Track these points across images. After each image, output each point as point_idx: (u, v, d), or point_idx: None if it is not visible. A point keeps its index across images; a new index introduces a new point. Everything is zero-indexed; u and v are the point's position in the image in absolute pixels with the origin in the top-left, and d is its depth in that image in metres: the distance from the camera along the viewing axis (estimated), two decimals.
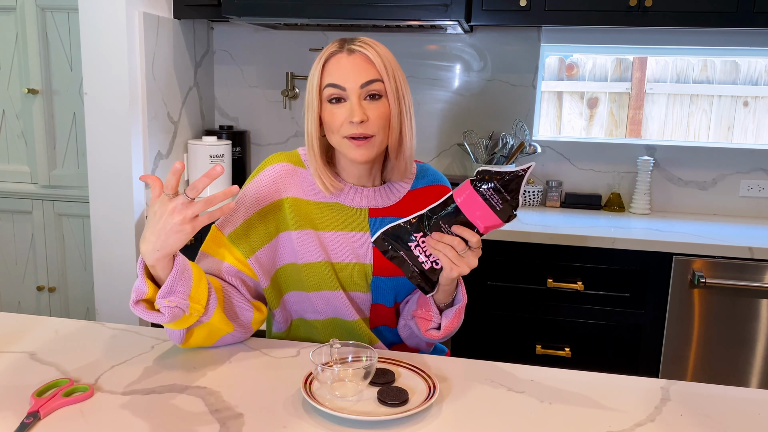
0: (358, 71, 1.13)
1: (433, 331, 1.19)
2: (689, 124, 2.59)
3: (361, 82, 1.13)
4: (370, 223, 1.23)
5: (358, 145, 1.14)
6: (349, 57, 1.14)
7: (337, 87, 1.13)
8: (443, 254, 1.06)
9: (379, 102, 1.15)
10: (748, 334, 2.00)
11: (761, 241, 2.01)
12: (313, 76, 1.16)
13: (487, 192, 1.04)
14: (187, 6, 2.38)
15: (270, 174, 1.22)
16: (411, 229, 1.08)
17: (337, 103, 1.14)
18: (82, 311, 2.83)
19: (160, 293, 1.01)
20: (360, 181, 1.24)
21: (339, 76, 1.13)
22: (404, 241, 1.09)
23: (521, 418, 0.94)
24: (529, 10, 2.15)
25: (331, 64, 1.15)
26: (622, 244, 2.01)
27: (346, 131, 1.14)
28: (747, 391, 1.05)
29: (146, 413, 0.92)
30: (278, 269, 1.23)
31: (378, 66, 1.14)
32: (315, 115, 1.16)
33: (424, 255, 1.09)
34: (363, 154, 1.15)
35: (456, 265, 1.07)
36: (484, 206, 1.04)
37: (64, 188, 2.74)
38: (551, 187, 2.54)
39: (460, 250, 1.06)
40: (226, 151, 2.51)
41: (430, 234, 1.07)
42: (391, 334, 1.30)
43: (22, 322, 1.24)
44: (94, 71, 2.18)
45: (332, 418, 0.92)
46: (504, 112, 2.58)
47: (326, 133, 1.18)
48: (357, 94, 1.13)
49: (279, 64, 2.71)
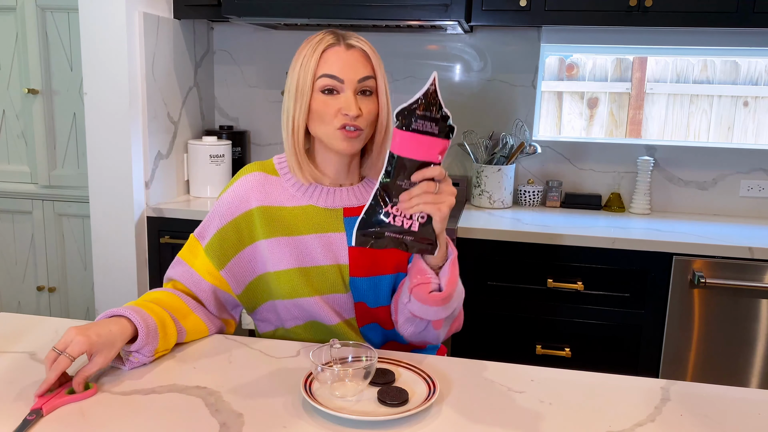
0: (357, 66, 1.15)
1: (436, 293, 1.13)
2: (689, 124, 2.59)
3: (359, 77, 1.15)
4: (345, 222, 1.23)
5: (347, 137, 1.15)
6: (348, 51, 1.16)
7: (334, 78, 1.14)
8: (423, 205, 1.02)
9: (370, 98, 1.17)
10: (748, 334, 2.01)
11: (761, 241, 2.01)
12: (307, 64, 1.15)
13: (417, 125, 1.00)
14: (187, 6, 2.38)
15: (242, 184, 1.23)
16: (378, 208, 1.03)
17: (329, 94, 1.15)
18: (82, 311, 2.83)
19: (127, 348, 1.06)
20: (337, 178, 1.24)
21: (338, 68, 1.14)
22: (380, 223, 1.04)
23: (521, 418, 0.94)
24: (529, 10, 2.16)
25: (329, 55, 1.15)
26: (622, 244, 2.01)
27: (338, 122, 1.15)
28: (747, 391, 1.05)
29: (146, 413, 0.92)
30: (252, 280, 1.25)
31: (374, 63, 1.18)
32: (306, 102, 1.16)
33: (406, 219, 1.04)
34: (352, 146, 1.17)
35: (439, 204, 1.03)
36: (423, 138, 1.00)
37: (64, 188, 2.74)
38: (551, 187, 2.54)
39: (433, 190, 1.02)
40: (226, 151, 2.51)
41: (397, 199, 1.03)
42: (377, 334, 1.29)
43: (22, 322, 1.24)
44: (94, 71, 2.18)
45: (332, 418, 0.92)
46: (504, 112, 2.58)
47: (312, 123, 1.18)
48: (353, 88, 1.15)
49: (279, 64, 2.71)
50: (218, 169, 2.49)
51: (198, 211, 2.26)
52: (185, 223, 2.27)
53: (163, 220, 2.29)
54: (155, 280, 2.35)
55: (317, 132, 1.18)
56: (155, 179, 2.34)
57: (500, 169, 2.42)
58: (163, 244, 2.31)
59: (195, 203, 2.39)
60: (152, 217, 2.30)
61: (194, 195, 2.52)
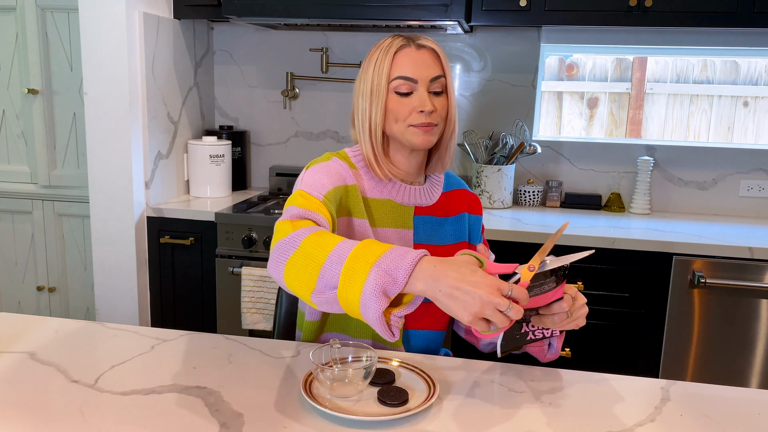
0: (428, 65, 1.21)
1: (550, 355, 1.20)
2: (689, 124, 2.59)
3: (431, 76, 1.21)
4: (414, 221, 1.28)
5: (424, 131, 1.20)
6: (419, 51, 1.21)
7: (408, 79, 1.20)
8: (551, 324, 1.06)
9: (441, 97, 1.23)
10: (748, 334, 2.00)
11: (761, 241, 2.01)
12: (380, 67, 1.21)
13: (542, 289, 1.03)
14: (187, 6, 2.38)
15: (336, 161, 1.24)
16: (515, 328, 1.08)
17: (404, 95, 1.20)
18: (82, 311, 2.83)
19: (399, 313, 0.91)
20: (408, 175, 1.29)
21: (411, 69, 1.20)
22: (519, 337, 1.09)
23: (521, 418, 0.94)
24: (529, 10, 2.16)
25: (401, 56, 1.21)
26: (622, 244, 2.01)
27: (414, 120, 1.20)
28: (747, 391, 1.05)
29: (146, 413, 0.92)
30: None
31: (443, 62, 1.23)
32: (383, 103, 1.21)
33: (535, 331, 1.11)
34: (427, 140, 1.21)
35: (566, 322, 1.07)
36: (547, 295, 1.04)
37: (64, 188, 2.74)
38: (551, 187, 2.54)
39: (564, 311, 1.06)
40: (226, 151, 2.51)
41: (530, 321, 1.08)
42: (422, 339, 1.29)
43: (22, 322, 1.24)
44: (94, 71, 2.18)
45: (332, 418, 0.92)
46: (504, 112, 2.58)
47: (388, 122, 1.23)
48: (426, 86, 1.20)
49: (279, 64, 2.71)
50: (218, 169, 2.49)
51: (198, 211, 2.26)
52: (185, 223, 2.27)
53: (163, 220, 2.29)
54: (155, 280, 2.35)
55: (393, 130, 1.23)
56: (155, 179, 2.34)
57: (500, 169, 2.42)
58: (163, 244, 2.31)
59: (195, 203, 2.39)
60: (152, 217, 2.30)
61: (194, 195, 2.52)
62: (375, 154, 1.24)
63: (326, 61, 2.64)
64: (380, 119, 1.22)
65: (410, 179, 1.30)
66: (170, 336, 1.21)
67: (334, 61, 2.66)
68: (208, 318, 2.34)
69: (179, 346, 1.16)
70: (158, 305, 2.37)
